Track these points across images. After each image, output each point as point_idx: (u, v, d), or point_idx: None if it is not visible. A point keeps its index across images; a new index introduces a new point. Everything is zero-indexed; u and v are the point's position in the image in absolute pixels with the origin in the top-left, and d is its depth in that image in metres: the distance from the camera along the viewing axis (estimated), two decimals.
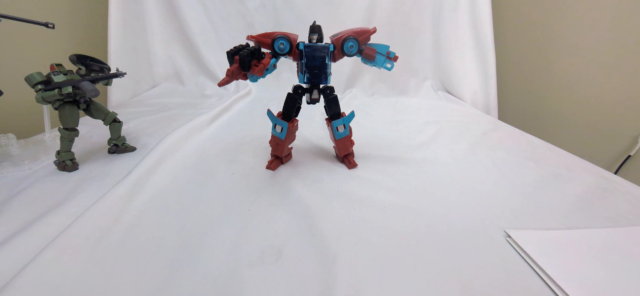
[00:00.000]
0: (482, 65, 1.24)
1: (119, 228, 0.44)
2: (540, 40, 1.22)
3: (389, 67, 0.57)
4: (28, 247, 0.39)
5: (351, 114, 0.61)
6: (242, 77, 0.53)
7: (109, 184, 0.54)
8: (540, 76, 1.24)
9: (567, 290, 0.34)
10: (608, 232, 0.45)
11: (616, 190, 0.57)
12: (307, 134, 0.81)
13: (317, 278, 0.36)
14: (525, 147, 0.78)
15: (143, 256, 0.39)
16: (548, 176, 0.62)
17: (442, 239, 0.43)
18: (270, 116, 0.60)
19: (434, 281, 0.36)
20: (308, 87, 0.59)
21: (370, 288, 0.35)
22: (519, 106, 1.33)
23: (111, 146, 0.68)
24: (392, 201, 0.52)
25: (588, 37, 1.07)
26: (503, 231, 0.45)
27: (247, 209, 0.49)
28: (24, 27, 0.62)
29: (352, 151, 0.65)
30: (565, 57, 1.14)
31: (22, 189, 0.53)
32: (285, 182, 0.58)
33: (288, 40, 0.55)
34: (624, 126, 0.99)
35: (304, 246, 0.41)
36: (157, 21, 1.32)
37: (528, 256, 0.39)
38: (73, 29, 1.11)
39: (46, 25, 0.59)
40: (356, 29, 0.57)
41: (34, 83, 0.54)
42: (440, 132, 0.87)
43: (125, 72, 0.66)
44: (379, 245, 0.42)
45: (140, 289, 0.34)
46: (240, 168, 0.63)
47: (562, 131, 1.15)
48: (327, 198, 0.53)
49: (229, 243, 0.41)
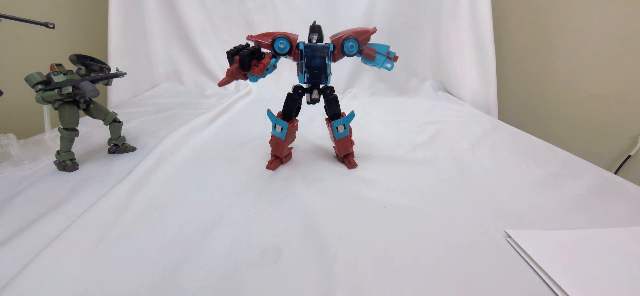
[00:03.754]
0: (482, 65, 1.24)
1: (119, 228, 0.44)
2: (540, 40, 1.22)
3: (389, 67, 0.57)
4: (28, 247, 0.39)
5: (351, 114, 0.62)
6: (242, 77, 0.53)
7: (109, 184, 0.53)
8: (540, 75, 1.23)
9: (567, 290, 0.34)
10: (608, 232, 0.45)
11: (616, 190, 0.57)
12: (307, 134, 0.81)
13: (317, 278, 0.36)
14: (525, 147, 0.78)
15: (143, 256, 0.39)
16: (548, 176, 0.62)
17: (442, 239, 0.43)
18: (270, 116, 0.60)
19: (434, 281, 0.36)
20: (308, 87, 0.60)
21: (370, 288, 0.35)
22: (519, 106, 1.33)
23: (111, 146, 0.68)
24: (392, 201, 0.52)
25: (588, 37, 1.07)
26: (503, 231, 0.45)
27: (247, 209, 0.49)
28: (24, 27, 0.62)
29: (352, 151, 0.65)
30: (565, 57, 1.14)
31: (22, 189, 0.53)
32: (285, 182, 0.58)
33: (288, 40, 0.55)
34: (624, 126, 0.98)
35: (304, 246, 0.41)
36: (157, 21, 1.32)
37: (528, 256, 0.39)
38: (73, 29, 1.11)
39: (46, 25, 0.59)
40: (356, 29, 0.57)
41: (34, 83, 0.55)
42: (440, 132, 0.87)
43: (125, 72, 0.66)
44: (379, 245, 0.42)
45: (140, 289, 0.34)
46: (240, 168, 0.63)
47: (562, 131, 1.15)
48: (327, 198, 0.53)
49: (229, 243, 0.41)
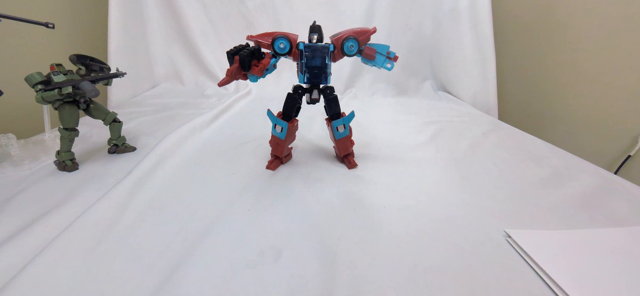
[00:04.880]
0: (482, 65, 1.24)
1: (119, 228, 0.44)
2: (540, 40, 1.22)
3: (389, 67, 0.57)
4: (28, 247, 0.39)
5: (351, 114, 0.61)
6: (242, 77, 0.53)
7: (109, 184, 0.54)
8: (540, 76, 1.24)
9: (567, 290, 0.34)
10: (608, 232, 0.45)
11: (616, 190, 0.57)
12: (307, 134, 0.81)
13: (317, 278, 0.36)
14: (525, 147, 0.78)
15: (143, 256, 0.39)
16: (548, 176, 0.62)
17: (442, 239, 0.43)
18: (270, 116, 0.60)
19: (434, 281, 0.36)
20: (308, 87, 0.59)
21: (370, 288, 0.35)
22: (519, 106, 1.33)
23: (111, 146, 0.68)
24: (392, 201, 0.52)
25: (588, 37, 1.07)
26: (503, 231, 0.45)
27: (247, 209, 0.49)
28: (24, 27, 0.62)
29: (352, 151, 0.65)
30: (565, 57, 1.14)
31: (22, 189, 0.53)
32: (285, 182, 0.58)
33: (288, 40, 0.55)
34: (624, 126, 0.98)
35: (304, 246, 0.41)
36: (157, 21, 1.32)
37: (528, 256, 0.39)
38: (73, 29, 1.11)
39: (46, 25, 0.59)
40: (356, 29, 0.57)
41: (34, 83, 0.54)
42: (440, 132, 0.87)
43: (125, 72, 0.66)
44: (379, 245, 0.42)
45: (140, 289, 0.34)
46: (240, 167, 0.63)
47: (562, 131, 1.15)
48: (327, 198, 0.53)
49: (229, 243, 0.41)
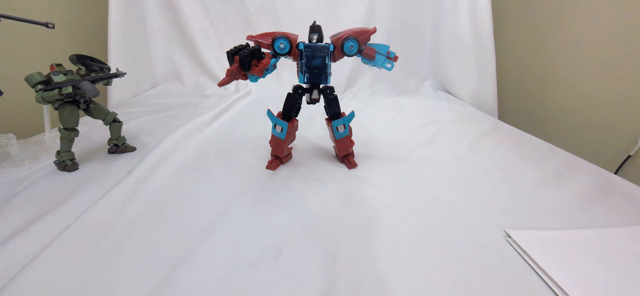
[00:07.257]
0: (482, 65, 1.24)
1: (119, 227, 0.44)
2: (540, 40, 1.22)
3: (389, 67, 0.57)
4: (28, 247, 0.39)
5: (351, 114, 0.61)
6: (242, 77, 0.53)
7: (109, 184, 0.54)
8: (540, 75, 1.23)
9: (567, 290, 0.34)
10: (608, 232, 0.45)
11: (616, 190, 0.57)
12: (307, 134, 0.81)
13: (317, 278, 0.36)
14: (525, 147, 0.78)
15: (143, 256, 0.39)
16: (548, 176, 0.62)
17: (442, 239, 0.43)
18: (270, 116, 0.60)
19: (434, 281, 0.36)
20: (308, 87, 0.60)
21: (370, 288, 0.35)
22: (519, 106, 1.33)
23: (111, 146, 0.68)
24: (392, 201, 0.52)
25: (588, 37, 1.07)
26: (503, 231, 0.45)
27: (247, 209, 0.49)
28: (24, 27, 0.62)
29: (352, 151, 0.65)
30: (565, 57, 1.14)
31: (22, 189, 0.53)
32: (285, 182, 0.58)
33: (288, 40, 0.55)
34: (624, 126, 0.98)
35: (304, 246, 0.41)
36: (157, 21, 1.32)
37: (528, 256, 0.39)
38: (73, 29, 1.11)
39: (46, 25, 0.59)
40: (356, 29, 0.57)
41: (34, 83, 0.55)
42: (440, 132, 0.87)
43: (125, 72, 0.66)
44: (379, 245, 0.42)
45: (141, 289, 0.34)
46: (240, 167, 0.63)
47: (562, 131, 1.15)
48: (327, 198, 0.53)
49: (229, 243, 0.41)
